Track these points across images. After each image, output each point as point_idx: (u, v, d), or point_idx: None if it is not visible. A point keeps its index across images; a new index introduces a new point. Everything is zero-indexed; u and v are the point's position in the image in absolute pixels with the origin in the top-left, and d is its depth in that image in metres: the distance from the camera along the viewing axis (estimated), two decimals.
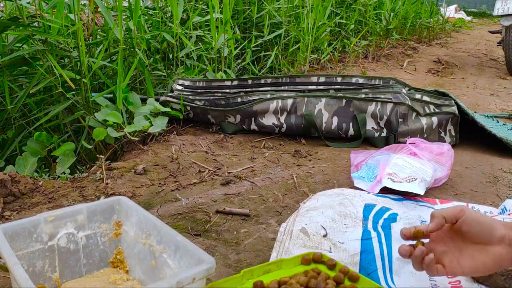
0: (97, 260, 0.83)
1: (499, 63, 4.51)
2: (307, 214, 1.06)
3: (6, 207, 1.16)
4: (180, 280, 0.60)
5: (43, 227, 0.75)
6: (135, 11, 1.76)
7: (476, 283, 0.86)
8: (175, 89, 1.90)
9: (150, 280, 0.77)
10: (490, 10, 13.79)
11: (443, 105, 1.78)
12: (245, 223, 1.13)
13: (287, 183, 1.37)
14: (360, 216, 1.07)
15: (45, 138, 1.47)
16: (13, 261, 0.62)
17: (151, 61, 2.11)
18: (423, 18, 5.85)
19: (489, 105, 2.68)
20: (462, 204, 0.79)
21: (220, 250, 1.00)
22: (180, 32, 1.97)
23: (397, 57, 4.20)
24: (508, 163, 1.62)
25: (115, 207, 0.83)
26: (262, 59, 2.82)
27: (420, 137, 1.69)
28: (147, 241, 0.78)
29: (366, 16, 4.17)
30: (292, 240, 0.96)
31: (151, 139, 1.65)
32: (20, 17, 1.50)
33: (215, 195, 1.27)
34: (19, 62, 1.56)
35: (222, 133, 1.77)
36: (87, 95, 1.61)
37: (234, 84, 1.92)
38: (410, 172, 1.25)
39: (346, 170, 1.48)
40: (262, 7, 2.82)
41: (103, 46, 1.95)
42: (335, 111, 1.72)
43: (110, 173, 1.36)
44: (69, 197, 1.22)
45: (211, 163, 1.50)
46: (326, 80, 1.91)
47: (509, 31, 3.67)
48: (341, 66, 3.30)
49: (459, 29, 8.08)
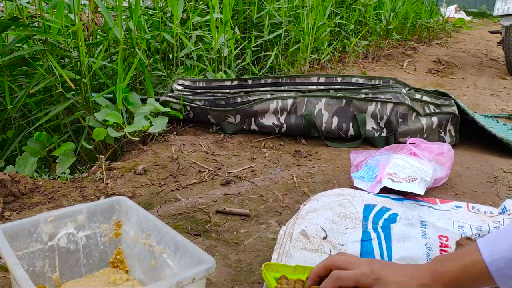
0: (97, 260, 0.83)
1: (499, 63, 4.51)
2: (307, 216, 1.06)
3: (6, 207, 1.16)
4: (180, 280, 0.60)
5: (43, 227, 0.75)
6: (135, 11, 1.76)
7: None
8: (175, 89, 1.90)
9: (150, 280, 0.77)
10: (490, 10, 13.80)
11: (443, 105, 1.78)
12: (245, 223, 1.13)
13: (287, 183, 1.37)
14: (360, 217, 1.07)
15: (45, 138, 1.47)
16: (13, 261, 0.62)
17: (151, 61, 2.11)
18: (423, 18, 5.85)
19: (489, 105, 2.68)
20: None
21: (220, 250, 1.00)
22: (180, 32, 1.97)
23: (397, 57, 4.20)
24: (508, 163, 1.62)
25: (115, 207, 0.83)
26: (262, 59, 2.82)
27: (420, 137, 1.69)
28: (147, 241, 0.78)
29: (366, 16, 4.17)
30: (292, 242, 0.96)
31: (151, 139, 1.65)
32: (20, 17, 1.50)
33: (215, 195, 1.27)
34: (19, 62, 1.56)
35: (222, 133, 1.77)
36: (87, 95, 1.61)
37: (234, 84, 1.92)
38: (410, 172, 1.25)
39: (346, 170, 1.48)
40: (262, 7, 2.82)
41: (103, 46, 1.95)
42: (335, 111, 1.72)
43: (110, 173, 1.36)
44: (69, 197, 1.22)
45: (211, 163, 1.50)
46: (326, 80, 1.91)
47: (509, 31, 3.67)
48: (341, 66, 3.30)
49: (459, 29, 8.09)
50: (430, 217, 1.08)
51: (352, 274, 0.68)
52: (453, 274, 0.63)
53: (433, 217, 1.09)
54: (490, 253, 0.62)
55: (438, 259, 0.67)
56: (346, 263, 0.70)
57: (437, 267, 0.65)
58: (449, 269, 0.64)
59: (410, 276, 0.65)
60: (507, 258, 0.60)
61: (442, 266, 0.65)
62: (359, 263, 0.69)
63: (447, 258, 0.66)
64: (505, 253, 0.61)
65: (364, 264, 0.69)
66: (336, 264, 0.70)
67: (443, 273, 0.64)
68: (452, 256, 0.66)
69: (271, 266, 0.77)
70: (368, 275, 0.66)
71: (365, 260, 0.70)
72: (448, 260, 0.65)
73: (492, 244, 0.62)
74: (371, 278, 0.66)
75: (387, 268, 0.67)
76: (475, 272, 0.62)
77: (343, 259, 0.71)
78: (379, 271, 0.66)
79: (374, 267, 0.67)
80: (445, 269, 0.64)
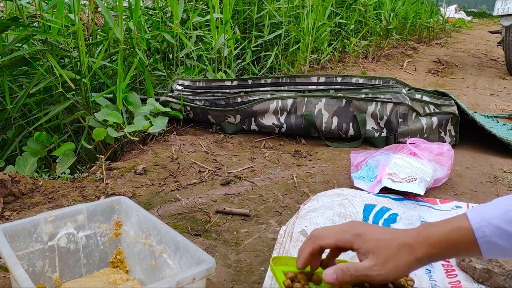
0: (97, 260, 0.83)
1: (499, 63, 4.51)
2: (306, 216, 1.06)
3: (6, 207, 1.16)
4: (180, 280, 0.60)
5: (43, 227, 0.75)
6: (135, 11, 1.76)
7: (476, 283, 0.86)
8: (175, 89, 1.90)
9: (150, 280, 0.77)
10: (490, 10, 13.80)
11: (443, 105, 1.78)
12: (245, 223, 1.13)
13: (287, 183, 1.37)
14: (360, 217, 1.07)
15: (45, 138, 1.47)
16: (13, 261, 0.62)
17: (151, 61, 2.11)
18: (423, 18, 5.85)
19: (489, 105, 2.68)
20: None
21: (220, 250, 1.00)
22: (180, 32, 1.97)
23: (397, 57, 4.20)
24: (508, 163, 1.62)
25: (115, 207, 0.83)
26: (262, 59, 2.82)
27: (420, 137, 1.69)
28: (147, 241, 0.78)
29: (366, 16, 4.17)
30: (292, 242, 0.96)
31: (151, 139, 1.65)
32: (20, 17, 1.50)
33: (215, 195, 1.27)
34: (19, 62, 1.56)
35: (222, 133, 1.77)
36: (87, 95, 1.61)
37: (234, 84, 1.92)
38: (410, 172, 1.25)
39: (346, 170, 1.48)
40: (262, 7, 2.82)
41: (103, 46, 1.95)
42: (335, 111, 1.72)
43: (110, 173, 1.36)
44: (69, 197, 1.22)
45: (211, 163, 1.50)
46: (326, 80, 1.91)
47: (509, 31, 3.67)
48: (341, 66, 3.30)
49: (459, 29, 8.08)
50: (430, 217, 1.08)
51: (331, 230, 0.66)
52: (438, 236, 0.61)
53: (433, 217, 1.09)
54: (478, 219, 0.60)
55: (424, 225, 0.65)
56: (327, 228, 0.68)
57: (421, 230, 0.63)
58: (434, 231, 0.62)
59: (392, 235, 0.63)
60: (494, 225, 0.59)
61: (427, 229, 0.63)
62: (340, 226, 0.67)
63: (433, 224, 0.64)
64: (493, 221, 0.59)
65: (345, 224, 0.67)
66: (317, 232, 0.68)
67: (427, 235, 0.62)
68: (439, 222, 0.64)
69: (279, 260, 0.75)
70: (348, 231, 0.64)
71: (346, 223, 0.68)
72: (434, 225, 0.63)
73: (481, 212, 0.61)
74: (350, 233, 0.64)
75: (368, 227, 0.65)
76: (460, 236, 0.61)
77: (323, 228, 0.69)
78: (360, 228, 0.64)
79: (354, 225, 0.66)
80: (430, 231, 0.62)
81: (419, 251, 0.61)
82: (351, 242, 0.64)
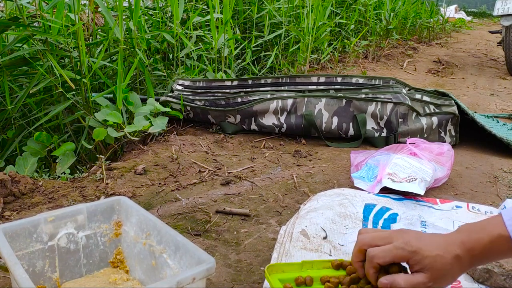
0: (97, 260, 0.83)
1: (499, 63, 4.51)
2: (307, 216, 1.06)
3: (6, 207, 1.16)
4: (180, 280, 0.60)
5: (43, 227, 0.75)
6: (135, 11, 1.76)
7: (476, 283, 0.86)
8: (175, 89, 1.90)
9: (150, 280, 0.77)
10: (490, 10, 13.80)
11: (443, 105, 1.78)
12: (245, 223, 1.13)
13: (287, 183, 1.37)
14: (360, 217, 1.07)
15: (45, 138, 1.47)
16: (13, 261, 0.62)
17: (151, 61, 2.11)
18: (423, 18, 5.85)
19: (489, 105, 2.68)
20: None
21: (220, 250, 1.00)
22: (180, 32, 1.97)
23: (397, 57, 4.20)
24: (508, 163, 1.62)
25: (115, 207, 0.83)
26: (262, 59, 2.82)
27: (420, 137, 1.69)
28: (147, 241, 0.78)
29: (366, 16, 4.17)
30: (292, 242, 0.96)
31: (151, 139, 1.65)
32: (20, 17, 1.50)
33: (215, 195, 1.27)
34: (19, 62, 1.56)
35: (222, 133, 1.77)
36: (87, 95, 1.61)
37: (234, 84, 1.92)
38: (410, 172, 1.25)
39: (346, 170, 1.48)
40: (262, 7, 2.82)
41: (103, 46, 1.95)
42: (335, 111, 1.72)
43: (110, 173, 1.36)
44: (69, 197, 1.22)
45: (211, 163, 1.50)
46: (326, 80, 1.91)
47: (509, 31, 3.67)
48: (341, 66, 3.30)
49: (459, 29, 8.09)
50: (430, 217, 1.08)
51: (387, 249, 0.67)
52: (480, 247, 0.64)
53: (433, 217, 1.09)
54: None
55: (462, 230, 0.67)
56: (376, 239, 0.69)
57: (465, 239, 0.66)
58: (476, 242, 0.65)
59: (443, 247, 0.66)
60: None
61: (469, 238, 0.66)
62: (389, 236, 0.68)
63: (471, 230, 0.67)
64: None
65: (395, 236, 0.68)
66: (366, 242, 0.69)
67: (471, 246, 0.65)
68: (476, 227, 0.67)
69: (275, 267, 0.74)
70: (404, 248, 0.66)
71: (393, 231, 0.70)
72: (473, 232, 0.66)
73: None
74: (407, 251, 0.66)
75: (421, 240, 0.67)
76: (501, 245, 0.64)
77: (371, 236, 0.70)
78: (414, 243, 0.66)
79: (407, 239, 0.67)
80: (472, 241, 0.65)
81: (465, 264, 0.65)
82: (408, 258, 0.66)
